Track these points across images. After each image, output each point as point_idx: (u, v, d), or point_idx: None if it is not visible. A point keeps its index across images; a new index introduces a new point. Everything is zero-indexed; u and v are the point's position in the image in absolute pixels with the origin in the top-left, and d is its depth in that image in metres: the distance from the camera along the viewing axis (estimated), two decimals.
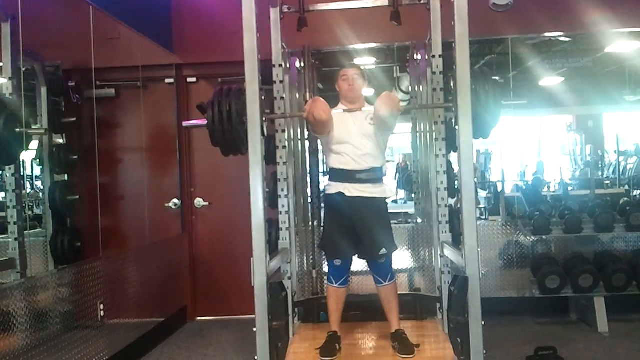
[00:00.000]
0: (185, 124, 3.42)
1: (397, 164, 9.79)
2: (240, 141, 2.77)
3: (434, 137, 3.50)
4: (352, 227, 3.10)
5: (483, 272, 2.60)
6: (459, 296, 2.63)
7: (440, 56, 3.42)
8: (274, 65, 3.54)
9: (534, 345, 3.78)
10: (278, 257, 3.22)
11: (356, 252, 3.18)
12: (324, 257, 4.51)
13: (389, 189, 3.23)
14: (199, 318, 5.57)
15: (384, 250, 3.08)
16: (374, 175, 3.09)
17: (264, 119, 2.72)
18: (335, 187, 3.12)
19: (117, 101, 5.35)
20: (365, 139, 3.07)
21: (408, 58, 4.84)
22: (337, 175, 3.12)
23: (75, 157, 4.63)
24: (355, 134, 3.07)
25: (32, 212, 4.39)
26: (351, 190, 3.06)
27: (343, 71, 3.17)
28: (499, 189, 6.00)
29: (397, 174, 9.68)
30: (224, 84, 2.92)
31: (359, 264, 3.39)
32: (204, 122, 2.81)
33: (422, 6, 3.50)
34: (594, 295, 4.66)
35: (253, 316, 2.64)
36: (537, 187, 6.99)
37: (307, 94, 4.40)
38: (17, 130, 2.99)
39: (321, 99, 3.05)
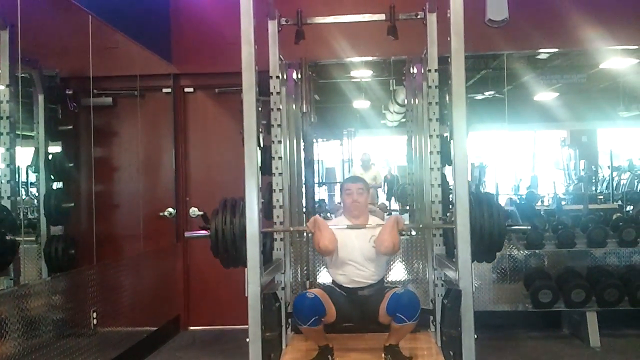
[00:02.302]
0: (187, 234, 3.51)
1: (385, 176, 9.95)
2: (241, 257, 2.77)
3: (429, 150, 3.53)
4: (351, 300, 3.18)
5: (476, 285, 2.62)
6: (452, 309, 2.64)
7: (436, 70, 3.46)
8: (271, 77, 3.57)
9: (526, 359, 3.79)
10: (272, 268, 3.23)
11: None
12: (318, 269, 4.53)
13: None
14: (192, 327, 5.55)
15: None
16: (374, 290, 3.18)
17: (260, 129, 2.74)
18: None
19: (114, 110, 5.35)
20: (368, 262, 3.17)
21: (404, 71, 4.88)
22: (339, 288, 3.23)
23: (71, 165, 4.62)
24: (358, 257, 3.16)
25: (27, 219, 4.37)
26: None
27: (347, 185, 3.25)
28: None
29: (385, 184, 9.79)
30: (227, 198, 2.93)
31: None
32: (206, 233, 2.85)
33: (419, 21, 3.55)
34: (586, 309, 4.67)
35: (246, 326, 2.64)
36: (531, 201, 7.01)
37: (304, 106, 4.43)
38: (8, 238, 3.12)
39: (324, 223, 3.11)
